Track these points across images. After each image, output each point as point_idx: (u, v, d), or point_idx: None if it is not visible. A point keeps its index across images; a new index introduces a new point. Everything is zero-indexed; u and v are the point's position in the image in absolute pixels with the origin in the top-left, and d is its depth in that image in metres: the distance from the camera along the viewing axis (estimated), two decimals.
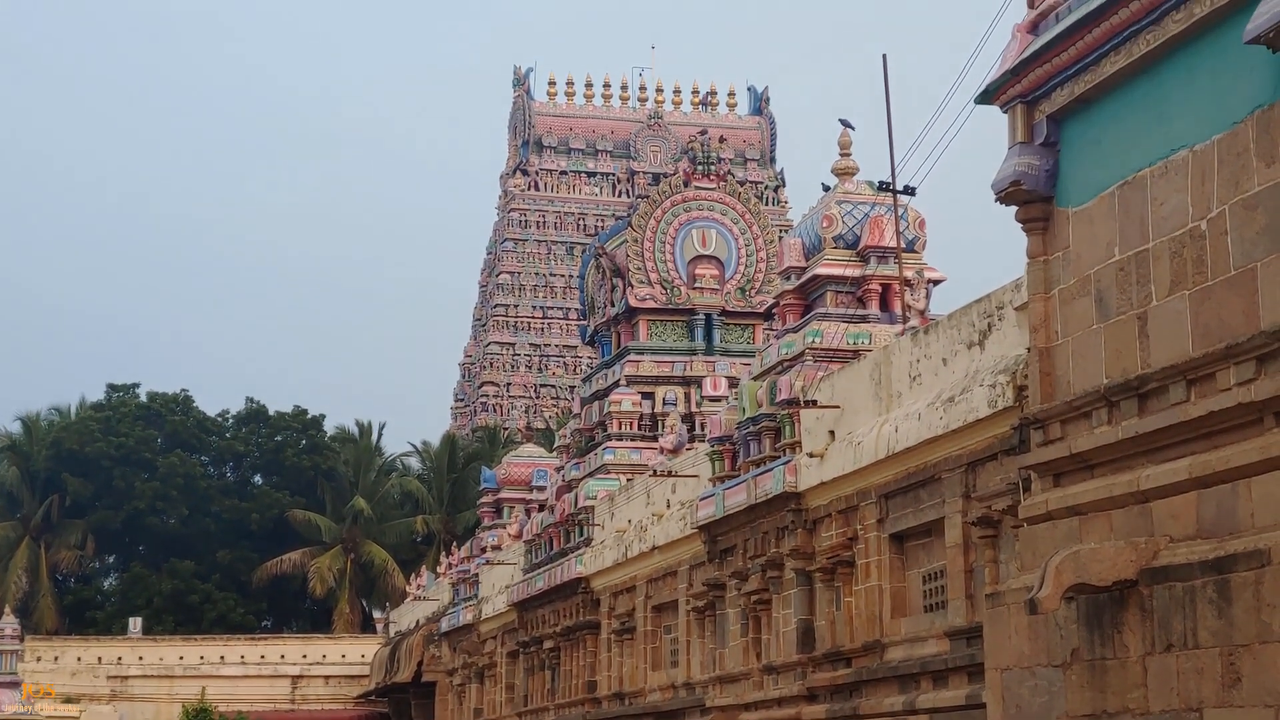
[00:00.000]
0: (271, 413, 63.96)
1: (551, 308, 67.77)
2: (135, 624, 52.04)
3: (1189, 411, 9.99)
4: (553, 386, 66.77)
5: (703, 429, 25.25)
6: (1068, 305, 11.40)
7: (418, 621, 41.58)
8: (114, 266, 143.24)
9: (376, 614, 59.09)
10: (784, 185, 70.31)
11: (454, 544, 44.74)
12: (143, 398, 64.09)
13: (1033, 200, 11.68)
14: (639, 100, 71.73)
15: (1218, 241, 9.92)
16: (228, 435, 63.76)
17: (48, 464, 59.97)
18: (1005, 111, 11.94)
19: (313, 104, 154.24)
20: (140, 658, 49.05)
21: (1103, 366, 10.93)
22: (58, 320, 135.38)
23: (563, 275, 67.51)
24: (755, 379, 19.68)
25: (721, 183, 29.36)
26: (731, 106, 72.48)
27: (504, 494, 35.19)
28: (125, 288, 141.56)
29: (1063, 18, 11.20)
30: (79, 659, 48.34)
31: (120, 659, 48.80)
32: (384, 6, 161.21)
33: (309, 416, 63.60)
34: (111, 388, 64.66)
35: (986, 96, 12.07)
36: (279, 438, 62.78)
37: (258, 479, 63.61)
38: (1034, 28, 11.62)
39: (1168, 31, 10.33)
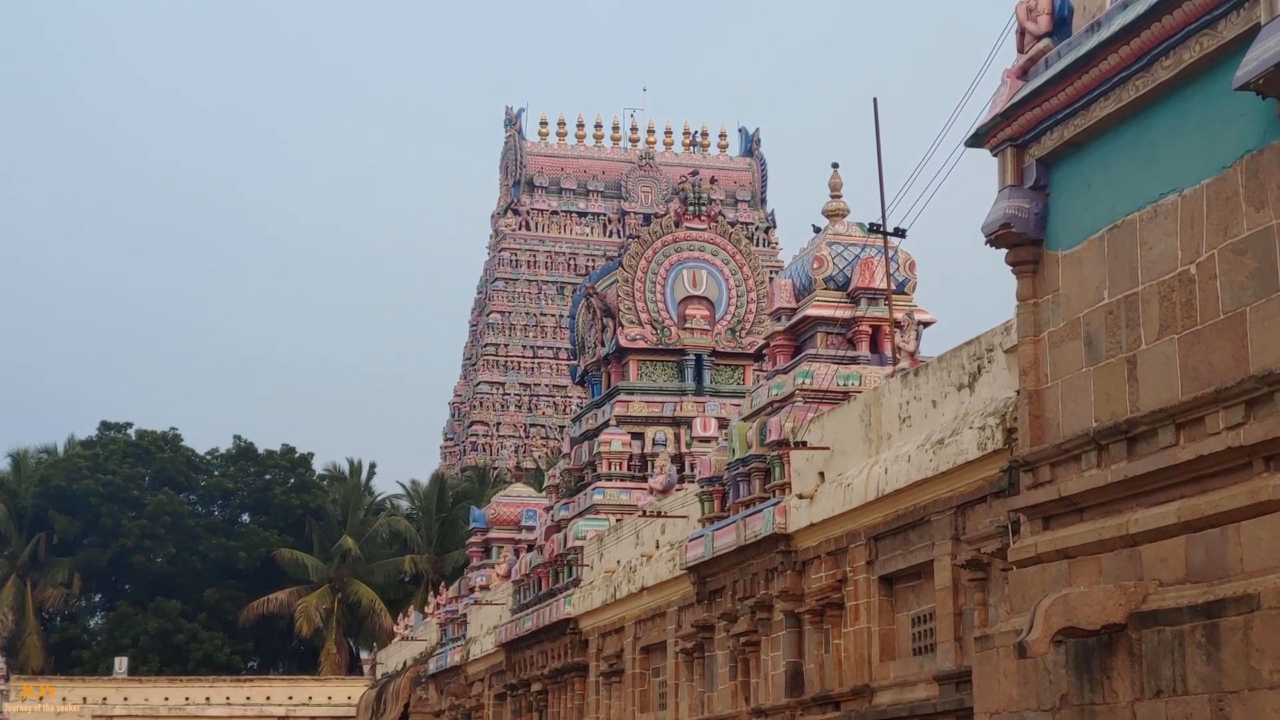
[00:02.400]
0: (260, 451, 63.81)
1: (542, 347, 67.77)
2: (121, 664, 51.76)
3: (1178, 455, 9.98)
4: (542, 426, 66.69)
5: (692, 470, 25.20)
6: (1057, 348, 11.41)
7: (405, 663, 41.38)
8: (105, 295, 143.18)
9: (364, 654, 58.82)
10: (774, 226, 70.52)
11: (442, 584, 44.60)
12: (132, 436, 63.97)
13: (1022, 243, 11.71)
14: (630, 141, 71.98)
15: (1207, 286, 9.94)
16: (216, 473, 63.58)
17: (35, 501, 59.76)
18: (995, 155, 11.99)
19: (303, 144, 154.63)
20: (125, 698, 48.76)
21: (1092, 410, 10.93)
22: (49, 359, 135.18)
23: (553, 315, 67.56)
24: (745, 420, 19.66)
25: (712, 223, 29.41)
26: (723, 148, 72.74)
27: (493, 534, 35.08)
28: (115, 324, 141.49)
29: (1052, 63, 11.27)
30: (64, 699, 48.05)
31: (105, 699, 48.52)
32: (375, 47, 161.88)
33: (297, 455, 63.45)
34: (104, 425, 64.51)
35: (977, 140, 12.12)
36: (267, 476, 62.62)
37: (245, 518, 63.39)
38: (1024, 73, 11.68)
39: (1157, 78, 10.38)
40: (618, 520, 25.70)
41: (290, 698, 49.84)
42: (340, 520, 60.49)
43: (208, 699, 49.10)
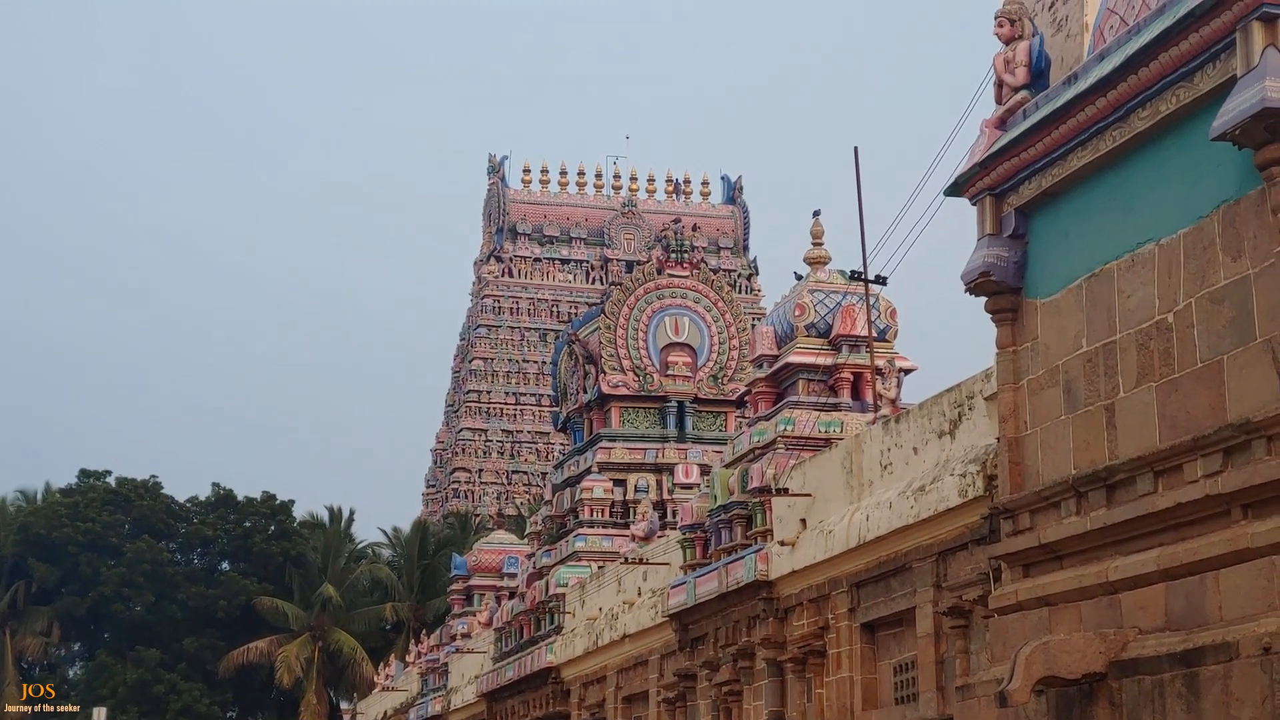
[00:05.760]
0: (240, 498, 63.52)
1: (524, 394, 67.74)
2: (100, 715, 51.31)
3: (1156, 503, 10.01)
4: (525, 473, 66.59)
5: (674, 516, 25.16)
6: (1036, 396, 11.45)
7: (385, 713, 41.11)
8: (84, 350, 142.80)
9: (344, 705, 58.38)
10: (756, 273, 70.72)
11: (423, 632, 44.37)
12: (112, 484, 63.66)
13: (1001, 291, 11.78)
14: (613, 188, 72.21)
15: (1184, 334, 10.00)
16: (195, 521, 63.24)
17: (14, 549, 59.37)
18: (974, 204, 12.07)
19: (287, 190, 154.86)
20: None
21: (1071, 457, 10.96)
22: (28, 407, 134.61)
23: (536, 361, 67.58)
24: (727, 466, 19.67)
25: (695, 270, 29.49)
26: (705, 195, 73.03)
27: (474, 581, 34.96)
28: (93, 374, 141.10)
29: (1030, 114, 11.36)
30: None
31: None
32: (360, 92, 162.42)
33: (277, 502, 63.16)
34: (84, 473, 64.20)
35: (956, 189, 12.20)
36: (247, 524, 62.29)
37: (225, 565, 63.00)
38: (1002, 123, 11.78)
39: (1134, 128, 10.47)
40: (600, 567, 25.65)
41: None
42: (321, 568, 60.16)
43: None
